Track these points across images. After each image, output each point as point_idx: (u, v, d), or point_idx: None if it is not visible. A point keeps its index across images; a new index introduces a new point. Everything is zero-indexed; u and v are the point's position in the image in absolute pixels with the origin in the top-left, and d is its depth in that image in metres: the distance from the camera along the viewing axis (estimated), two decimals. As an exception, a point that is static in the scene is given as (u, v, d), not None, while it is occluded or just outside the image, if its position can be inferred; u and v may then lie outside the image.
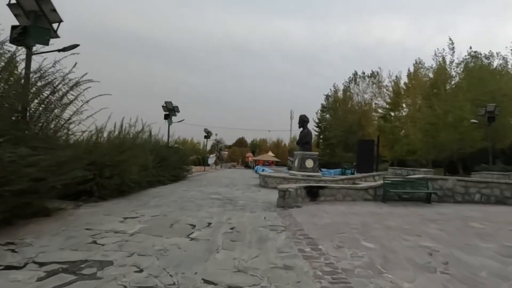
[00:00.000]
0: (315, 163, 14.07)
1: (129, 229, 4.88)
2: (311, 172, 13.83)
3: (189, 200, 8.61)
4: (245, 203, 8.52)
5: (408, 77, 33.38)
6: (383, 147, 36.34)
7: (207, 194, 10.32)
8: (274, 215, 6.76)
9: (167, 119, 17.39)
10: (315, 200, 8.99)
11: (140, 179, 9.80)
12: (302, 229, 5.31)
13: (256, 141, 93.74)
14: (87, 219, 5.55)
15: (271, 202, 8.74)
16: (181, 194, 10.03)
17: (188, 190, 11.24)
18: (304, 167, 13.89)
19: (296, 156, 14.57)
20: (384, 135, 32.79)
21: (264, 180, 14.11)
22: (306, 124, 14.72)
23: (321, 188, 9.13)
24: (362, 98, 46.76)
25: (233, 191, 11.84)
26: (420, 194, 9.27)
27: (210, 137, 31.59)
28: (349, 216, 6.86)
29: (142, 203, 7.65)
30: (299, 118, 14.81)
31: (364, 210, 7.82)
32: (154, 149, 13.16)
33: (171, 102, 17.40)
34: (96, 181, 7.60)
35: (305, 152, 14.09)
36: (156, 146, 13.64)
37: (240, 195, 10.35)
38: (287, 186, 8.24)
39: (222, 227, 5.29)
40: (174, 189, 11.37)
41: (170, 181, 14.01)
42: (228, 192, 11.16)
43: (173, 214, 6.37)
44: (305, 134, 14.34)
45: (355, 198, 9.27)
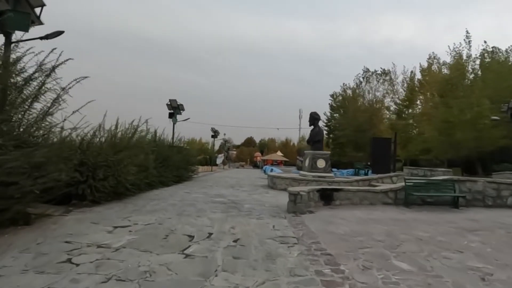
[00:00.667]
0: (327, 163, 13.21)
1: (115, 242, 4.16)
2: (323, 172, 12.98)
3: (190, 203, 7.89)
4: (252, 207, 7.75)
5: (422, 73, 32.14)
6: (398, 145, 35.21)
7: (210, 196, 9.59)
8: (284, 222, 5.97)
9: (172, 118, 16.75)
10: (329, 205, 8.16)
11: (138, 181, 9.14)
12: (317, 242, 4.52)
13: (264, 141, 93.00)
14: (71, 228, 4.86)
15: (280, 206, 7.95)
16: (183, 196, 9.33)
17: (190, 192, 10.53)
18: (315, 167, 13.05)
19: (307, 156, 13.73)
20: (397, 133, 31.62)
21: (273, 181, 13.33)
22: (317, 122, 13.86)
23: (336, 191, 8.30)
24: (373, 96, 45.65)
25: (239, 193, 11.09)
26: (446, 198, 8.36)
27: (217, 136, 30.97)
28: (370, 224, 6.02)
29: (138, 208, 6.95)
30: (309, 115, 13.97)
31: (385, 216, 6.96)
32: (156, 148, 12.50)
33: (176, 100, 16.76)
34: (88, 183, 6.94)
35: (316, 151, 13.25)
36: (158, 146, 12.97)
37: (246, 198, 9.59)
38: (298, 189, 7.44)
39: (224, 239, 4.53)
40: (176, 191, 10.68)
41: (174, 182, 13.36)
42: (234, 194, 10.41)
43: (170, 221, 5.64)
44: (316, 132, 13.49)
45: (373, 202, 8.41)
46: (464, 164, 24.77)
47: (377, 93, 44.93)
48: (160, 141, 13.64)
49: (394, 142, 12.44)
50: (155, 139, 14.04)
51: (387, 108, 42.91)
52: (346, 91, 51.11)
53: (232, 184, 15.12)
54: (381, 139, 12.82)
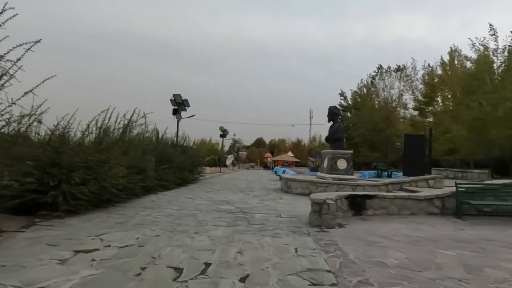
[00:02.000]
0: (349, 163, 11.61)
1: (58, 284, 2.74)
2: (344, 174, 11.38)
3: (190, 213, 6.45)
4: (264, 218, 6.26)
5: (443, 68, 30.06)
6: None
7: (216, 203, 8.14)
8: (308, 242, 4.46)
9: (175, 115, 15.42)
10: (360, 215, 6.60)
11: (132, 185, 7.77)
12: (368, 282, 2.99)
13: (274, 141, 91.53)
14: (12, 253, 3.48)
15: (299, 216, 6.44)
16: (183, 203, 7.91)
17: (193, 198, 9.11)
18: (336, 168, 11.45)
19: (325, 156, 12.16)
20: (417, 132, 29.60)
21: (287, 185, 11.80)
22: (337, 117, 12.27)
23: (369, 198, 6.72)
24: (388, 94, 43.75)
25: (249, 198, 9.60)
26: (507, 207, 6.67)
27: (226, 136, 29.62)
28: (426, 246, 4.44)
29: (124, 220, 5.55)
30: (328, 110, 12.39)
31: (439, 232, 5.35)
32: (156, 148, 11.16)
33: (180, 95, 15.42)
34: (61, 189, 5.58)
35: (337, 150, 11.65)
36: (160, 145, 11.63)
37: (258, 205, 8.10)
38: (323, 195, 5.91)
39: (226, 276, 3.05)
40: (177, 196, 9.27)
41: (176, 185, 11.98)
42: (243, 200, 8.93)
43: (156, 242, 4.20)
44: (336, 129, 11.90)
45: (415, 211, 6.80)
46: (495, 165, 22.66)
47: (392, 91, 43.08)
48: (162, 140, 12.29)
49: (429, 139, 10.75)
50: (158, 137, 12.74)
51: (404, 106, 40.95)
52: (362, 88, 49.35)
53: (242, 187, 13.65)
54: (415, 136, 11.18)
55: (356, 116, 44.77)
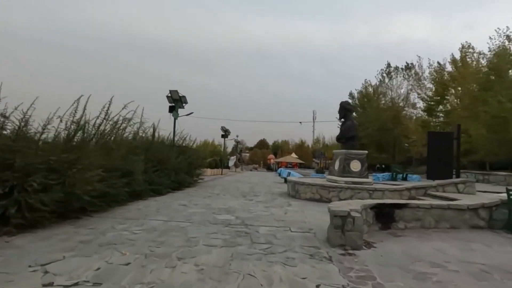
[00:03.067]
0: (363, 165, 10.35)
1: None
2: (358, 177, 10.12)
3: (178, 226, 5.24)
4: (271, 233, 5.03)
5: (453, 65, 28.67)
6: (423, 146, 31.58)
7: (213, 212, 6.93)
8: (333, 274, 3.24)
9: (172, 112, 14.25)
10: (388, 228, 5.35)
11: (114, 190, 6.58)
12: None
13: (277, 143, 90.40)
14: None
15: (313, 230, 5.22)
16: (174, 212, 6.70)
17: (188, 205, 7.90)
18: (349, 170, 10.20)
19: (337, 156, 10.91)
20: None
21: (295, 189, 10.56)
22: (349, 114, 11.02)
23: (399, 208, 5.47)
24: (396, 93, 42.52)
25: (253, 205, 8.37)
26: None
27: (228, 136, 28.43)
28: (501, 281, 3.18)
29: (91, 237, 4.36)
30: (339, 106, 11.14)
31: (504, 256, 4.09)
32: (150, 148, 9.98)
33: (177, 91, 14.24)
34: (14, 197, 4.40)
35: (350, 150, 10.39)
36: (153, 145, 10.45)
37: (262, 214, 6.87)
38: (346, 205, 4.67)
39: None
40: (169, 203, 8.07)
41: (172, 189, 10.80)
42: (245, 208, 7.70)
43: (120, 276, 2.99)
44: (348, 126, 10.65)
45: (455, 224, 5.54)
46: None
47: (400, 90, 41.85)
48: (156, 139, 11.10)
49: (457, 137, 9.47)
50: (154, 136, 11.59)
51: (413, 105, 39.62)
52: (368, 88, 48.17)
53: (244, 191, 12.42)
54: (440, 133, 9.89)
55: (362, 116, 43.48)
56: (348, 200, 7.24)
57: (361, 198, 9.01)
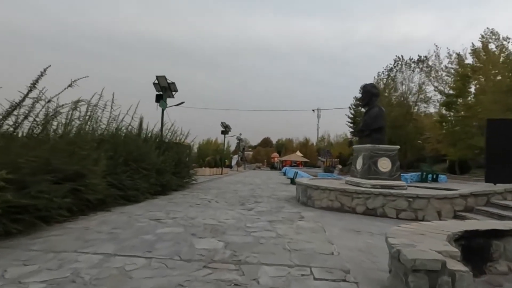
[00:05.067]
0: (394, 164, 8.10)
1: None
2: (388, 179, 7.90)
3: (122, 269, 3.04)
4: (282, 284, 2.82)
5: (474, 55, 26.18)
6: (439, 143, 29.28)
7: (193, 233, 4.72)
8: None
9: (159, 102, 12.07)
10: (483, 273, 3.11)
11: (45, 201, 4.41)
12: None
13: (281, 141, 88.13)
14: None
15: (352, 274, 2.98)
16: (135, 233, 4.51)
17: (163, 219, 5.71)
18: (376, 171, 7.97)
19: (359, 153, 8.67)
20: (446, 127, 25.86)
21: (306, 194, 8.33)
22: (375, 99, 8.74)
23: (497, 236, 3.22)
24: (407, 88, 40.15)
25: (252, 218, 6.17)
26: None
27: (229, 132, 26.23)
28: None
29: None
30: (362, 90, 8.88)
31: None
32: (115, 142, 7.82)
33: (165, 77, 12.05)
34: None
35: (376, 145, 8.14)
36: (116, 137, 8.27)
37: (265, 237, 4.64)
38: (432, 247, 2.44)
39: None
40: (136, 217, 5.89)
41: (152, 195, 8.64)
42: (241, 225, 5.49)
43: None
44: (375, 115, 8.39)
45: None
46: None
47: (411, 84, 39.45)
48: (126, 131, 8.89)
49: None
50: (140, 129, 9.48)
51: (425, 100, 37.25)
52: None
53: (244, 196, 10.22)
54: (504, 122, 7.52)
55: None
56: (378, 207, 4.99)
57: (398, 207, 6.79)
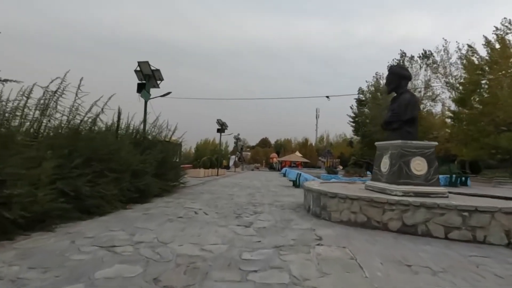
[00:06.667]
0: (432, 165, 6.35)
1: None
2: (425, 185, 6.18)
3: None
4: None
5: (489, 48, 24.52)
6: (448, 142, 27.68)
7: (159, 271, 2.95)
8: None
9: (141, 92, 10.25)
10: None
11: None
12: None
13: (280, 141, 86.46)
14: None
15: None
16: (65, 275, 2.73)
17: (123, 245, 3.92)
18: (408, 174, 6.22)
19: (384, 151, 6.91)
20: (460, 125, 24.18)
21: (320, 203, 6.55)
22: (405, 84, 6.98)
23: None
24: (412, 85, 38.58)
25: (249, 241, 4.40)
26: None
27: (225, 130, 24.41)
28: None
29: None
30: (389, 73, 7.10)
31: None
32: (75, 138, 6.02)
33: (149, 64, 10.23)
34: None
35: (408, 142, 6.38)
36: (80, 133, 6.46)
37: (275, 283, 2.87)
38: None
39: None
40: (87, 240, 4.10)
41: (127, 203, 6.84)
42: (234, 253, 3.73)
43: None
44: (406, 102, 6.58)
45: None
46: None
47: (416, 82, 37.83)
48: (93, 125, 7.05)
49: None
50: (118, 123, 7.73)
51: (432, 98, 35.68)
52: (379, 80, 44.28)
53: (240, 203, 8.45)
54: None
55: (374, 109, 39.50)
56: (420, 223, 3.19)
57: (447, 224, 5.03)
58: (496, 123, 21.51)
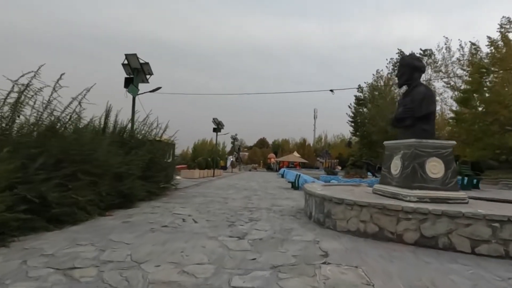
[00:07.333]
0: (449, 167, 5.63)
1: None
2: (442, 189, 5.47)
3: None
4: None
5: (493, 46, 23.92)
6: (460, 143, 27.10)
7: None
8: None
9: (128, 87, 9.47)
10: None
11: None
12: None
13: (278, 142, 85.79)
14: None
15: None
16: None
17: (85, 267, 3.16)
18: (423, 177, 5.51)
19: (395, 151, 6.19)
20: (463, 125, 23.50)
21: (324, 209, 5.82)
22: (418, 76, 6.26)
23: None
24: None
25: (242, 261, 3.66)
26: None
27: (221, 129, 23.62)
28: None
29: None
30: (401, 64, 6.39)
31: None
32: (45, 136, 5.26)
33: (136, 56, 9.46)
34: None
35: (423, 140, 5.66)
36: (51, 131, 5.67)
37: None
38: None
39: None
40: (44, 259, 3.34)
41: (102, 210, 6.07)
42: (221, 282, 2.98)
43: None
44: (421, 96, 5.85)
45: None
46: None
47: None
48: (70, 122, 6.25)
49: None
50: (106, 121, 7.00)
51: (433, 97, 35.03)
52: (379, 80, 43.72)
53: (235, 208, 7.69)
54: None
55: (373, 109, 38.87)
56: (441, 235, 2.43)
57: (474, 236, 4.30)
58: (500, 123, 20.87)
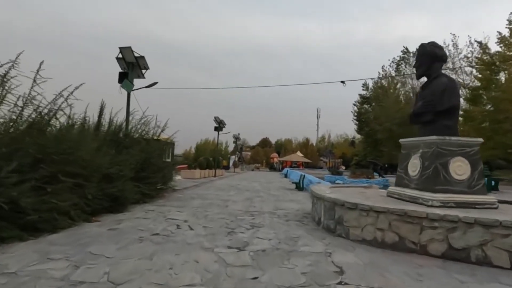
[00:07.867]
0: (475, 168, 5.00)
1: None
2: (467, 192, 4.85)
3: None
4: None
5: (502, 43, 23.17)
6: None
7: None
8: None
9: (123, 82, 8.89)
10: None
11: None
12: None
13: (280, 141, 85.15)
14: None
15: None
16: None
17: (44, 292, 2.58)
18: (446, 179, 4.89)
19: (413, 150, 5.56)
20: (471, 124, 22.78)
21: (334, 215, 5.20)
22: (439, 66, 5.62)
23: None
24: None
25: (240, 282, 3.05)
26: None
27: (223, 129, 23.01)
28: None
29: None
30: (419, 52, 5.75)
31: None
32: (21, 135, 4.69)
33: (131, 49, 8.88)
34: None
35: (446, 138, 5.04)
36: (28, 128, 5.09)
37: None
38: None
39: None
40: None
41: (88, 215, 5.49)
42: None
43: None
44: (442, 88, 5.21)
45: None
46: None
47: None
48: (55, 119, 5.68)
49: None
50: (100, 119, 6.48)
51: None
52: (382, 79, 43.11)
53: (236, 212, 7.09)
54: None
55: (378, 108, 38.17)
56: (474, 247, 1.73)
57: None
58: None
